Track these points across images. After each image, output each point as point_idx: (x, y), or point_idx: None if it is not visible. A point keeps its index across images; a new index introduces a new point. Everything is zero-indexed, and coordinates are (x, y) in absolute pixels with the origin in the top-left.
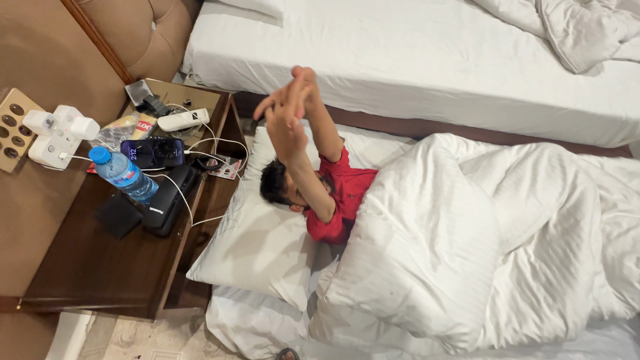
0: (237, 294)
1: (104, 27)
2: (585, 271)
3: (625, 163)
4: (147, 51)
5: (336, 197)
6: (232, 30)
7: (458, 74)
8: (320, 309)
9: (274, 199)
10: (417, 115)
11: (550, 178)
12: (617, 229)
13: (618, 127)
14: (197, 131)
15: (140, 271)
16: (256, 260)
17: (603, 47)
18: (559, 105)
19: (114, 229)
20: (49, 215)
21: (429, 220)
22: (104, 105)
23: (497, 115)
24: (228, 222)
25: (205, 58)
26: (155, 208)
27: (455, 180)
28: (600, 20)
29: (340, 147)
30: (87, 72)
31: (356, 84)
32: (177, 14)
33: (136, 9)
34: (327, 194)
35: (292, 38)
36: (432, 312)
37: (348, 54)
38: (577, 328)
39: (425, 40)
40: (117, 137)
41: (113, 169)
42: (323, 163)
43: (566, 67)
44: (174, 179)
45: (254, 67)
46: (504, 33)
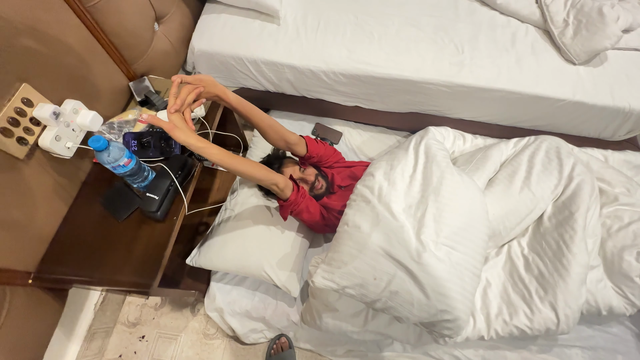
0: (235, 279)
1: (108, 28)
2: (577, 263)
3: (632, 156)
4: (150, 50)
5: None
6: (231, 28)
7: (452, 67)
8: (310, 294)
9: (269, 192)
10: (413, 108)
11: (546, 170)
12: (617, 222)
13: (622, 119)
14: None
15: (139, 251)
16: (251, 247)
17: (604, 36)
18: (557, 96)
19: (116, 213)
20: (58, 198)
21: (417, 209)
22: (109, 99)
23: (493, 107)
24: (225, 212)
25: (206, 56)
26: (151, 194)
27: (444, 171)
28: (601, 9)
29: (294, 141)
30: (93, 69)
31: (350, 78)
32: (179, 15)
33: (139, 11)
34: (265, 172)
35: (288, 35)
36: (415, 298)
37: (342, 49)
38: (569, 321)
39: (419, 34)
40: (120, 129)
41: (110, 156)
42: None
43: (566, 58)
44: (169, 168)
45: (252, 64)
46: (501, 25)
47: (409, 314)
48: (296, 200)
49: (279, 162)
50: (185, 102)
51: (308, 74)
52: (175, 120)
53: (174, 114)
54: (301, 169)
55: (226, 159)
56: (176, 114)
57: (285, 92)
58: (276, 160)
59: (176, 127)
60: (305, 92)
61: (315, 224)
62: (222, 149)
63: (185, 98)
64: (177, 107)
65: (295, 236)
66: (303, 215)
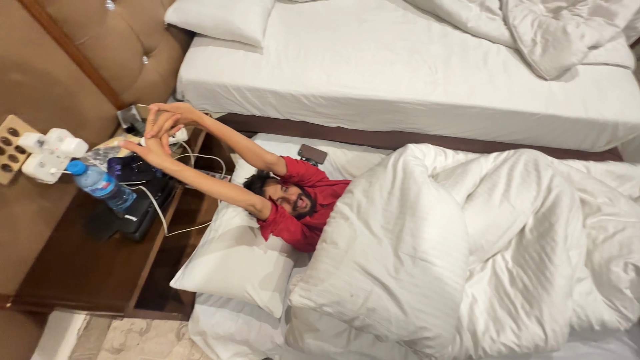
0: (219, 301)
1: (97, 62)
2: (560, 275)
3: (614, 166)
4: (138, 81)
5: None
6: (217, 59)
7: (427, 86)
8: (292, 314)
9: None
10: (394, 127)
11: (525, 183)
12: (602, 233)
13: (598, 130)
14: (176, 148)
15: (116, 273)
16: (233, 267)
17: (570, 52)
18: (531, 110)
19: (97, 235)
20: (41, 222)
21: (395, 225)
22: (97, 127)
23: (470, 123)
24: (210, 233)
25: (193, 85)
26: (130, 215)
27: (421, 187)
28: (565, 28)
29: (272, 160)
30: (80, 100)
31: (330, 100)
32: (168, 49)
33: (127, 46)
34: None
35: (270, 63)
36: (392, 314)
37: (321, 74)
38: (557, 336)
39: (394, 57)
40: (105, 155)
41: (88, 180)
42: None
43: (538, 75)
44: (149, 190)
45: (236, 91)
46: (473, 46)
47: (387, 332)
48: (275, 220)
49: (261, 181)
50: (162, 129)
51: (290, 98)
52: (151, 145)
53: (150, 140)
54: (283, 188)
55: (201, 180)
56: (153, 139)
57: (270, 115)
58: (259, 180)
59: (151, 151)
60: (289, 115)
61: (297, 242)
62: (197, 171)
63: (162, 125)
64: (153, 133)
65: (278, 256)
66: (284, 234)
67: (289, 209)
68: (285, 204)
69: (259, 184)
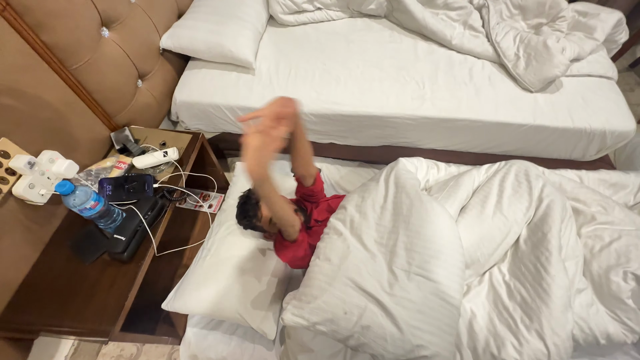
0: (211, 324)
1: (91, 86)
2: (557, 286)
3: (606, 175)
4: (132, 104)
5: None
6: (210, 80)
7: (414, 101)
8: (286, 335)
9: (248, 226)
10: (385, 142)
11: (517, 194)
12: (599, 242)
13: (586, 139)
14: (167, 167)
15: (102, 295)
16: (225, 288)
17: (552, 65)
18: (518, 122)
19: (83, 256)
20: (28, 244)
21: (388, 239)
22: (90, 149)
23: (459, 136)
24: (202, 252)
25: (186, 106)
26: (118, 235)
27: (413, 200)
28: (545, 43)
29: (313, 173)
30: (73, 122)
31: (320, 117)
32: (162, 72)
33: (121, 71)
34: (292, 210)
35: (262, 83)
36: (388, 332)
37: (311, 92)
38: (560, 351)
39: (382, 74)
40: (97, 176)
41: (76, 200)
42: (298, 186)
43: (523, 87)
44: (138, 209)
45: (229, 110)
46: (459, 62)
47: (383, 351)
48: (303, 242)
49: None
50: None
51: None
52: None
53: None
54: None
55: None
56: (257, 134)
57: None
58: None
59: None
60: None
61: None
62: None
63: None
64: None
65: (271, 275)
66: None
67: None
68: None
69: (255, 199)
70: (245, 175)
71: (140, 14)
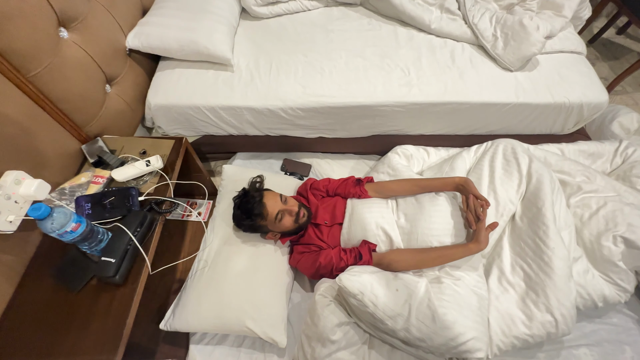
0: (216, 338)
1: (54, 95)
2: (558, 257)
3: (584, 146)
4: (102, 111)
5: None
6: (186, 81)
7: (402, 88)
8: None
9: (250, 228)
10: (374, 131)
11: (507, 172)
12: (587, 210)
13: (566, 113)
14: (152, 177)
15: (97, 324)
16: (228, 300)
17: (530, 43)
18: (502, 101)
19: (70, 284)
20: (1, 279)
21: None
22: (60, 165)
23: (447, 119)
24: (199, 264)
25: (162, 110)
26: (107, 257)
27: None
28: (521, 21)
29: None
30: (38, 137)
31: (308, 111)
32: (132, 75)
33: (87, 76)
34: None
35: (242, 80)
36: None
37: (296, 86)
38: (567, 320)
39: (366, 63)
40: (72, 194)
41: (55, 223)
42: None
43: (503, 67)
44: (126, 226)
45: (210, 111)
46: (439, 46)
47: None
48: None
49: (259, 194)
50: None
51: (267, 113)
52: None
53: None
54: (282, 199)
55: None
56: None
57: (249, 133)
58: (256, 192)
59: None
60: (267, 131)
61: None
62: None
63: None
64: None
65: (275, 281)
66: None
67: (290, 221)
68: (287, 216)
69: (258, 197)
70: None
71: (101, 11)
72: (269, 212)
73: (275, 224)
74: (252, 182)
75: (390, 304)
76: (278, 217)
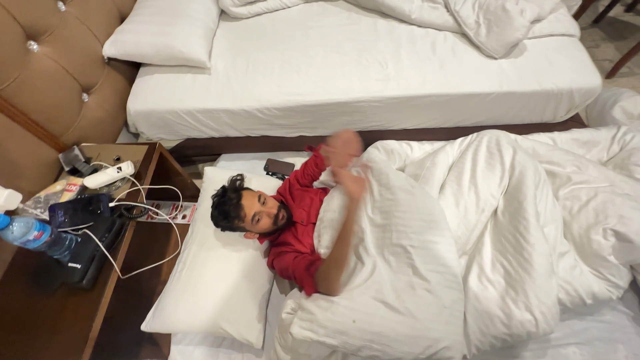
0: (196, 339)
1: (25, 107)
2: (538, 253)
3: (578, 134)
4: (79, 120)
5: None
6: (164, 86)
7: (379, 82)
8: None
9: (228, 228)
10: (355, 127)
11: (490, 165)
12: (577, 202)
13: (555, 100)
14: (124, 183)
15: (65, 327)
16: (204, 301)
17: (513, 29)
18: (485, 91)
19: (42, 289)
20: None
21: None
22: (37, 174)
23: (429, 112)
24: (178, 266)
25: (142, 116)
26: (73, 263)
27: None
28: (504, 6)
29: None
30: (11, 148)
31: (284, 110)
32: (111, 83)
33: (60, 87)
34: None
35: (219, 82)
36: (401, 333)
37: (271, 85)
38: (547, 318)
39: (343, 59)
40: (47, 202)
41: (15, 232)
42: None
43: (487, 55)
44: (94, 231)
45: (188, 115)
46: (420, 36)
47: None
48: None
49: (237, 195)
50: None
51: (243, 114)
52: None
53: None
54: (260, 199)
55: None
56: None
57: (229, 135)
58: (234, 193)
59: None
60: (247, 132)
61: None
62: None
63: None
64: None
65: (252, 282)
66: None
67: (269, 222)
68: (265, 218)
69: (236, 198)
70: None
71: (74, 23)
72: (246, 214)
73: (253, 225)
74: (232, 181)
75: (350, 340)
76: (255, 218)
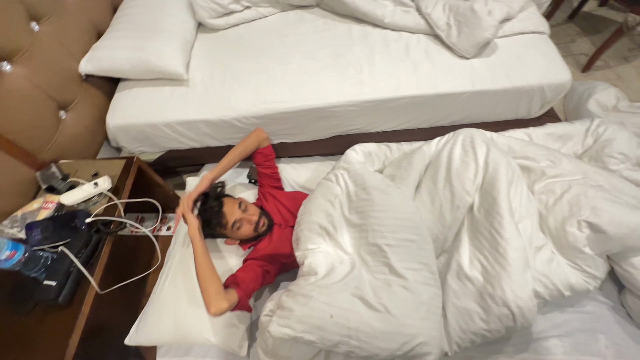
0: (181, 350)
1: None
2: (512, 248)
3: (553, 128)
4: (56, 137)
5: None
6: (142, 99)
7: (354, 87)
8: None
9: (209, 235)
10: (334, 132)
11: (464, 163)
12: (552, 196)
13: (527, 97)
14: (101, 198)
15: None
16: (186, 312)
17: (482, 29)
18: (458, 90)
19: (18, 308)
20: None
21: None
22: (14, 193)
23: (405, 114)
24: (161, 278)
25: (122, 130)
26: (48, 280)
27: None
28: (472, 7)
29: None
30: None
31: (262, 118)
32: (90, 99)
33: (34, 105)
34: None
35: (197, 93)
36: (377, 329)
37: (248, 94)
38: (524, 312)
39: (318, 64)
40: (24, 221)
41: None
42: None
43: (459, 55)
44: (70, 248)
45: (167, 127)
46: (394, 40)
47: (377, 350)
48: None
49: (218, 203)
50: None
51: (222, 124)
52: None
53: None
54: (242, 206)
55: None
56: None
57: (210, 145)
58: (215, 200)
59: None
60: (227, 141)
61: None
62: (205, 247)
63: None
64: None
65: None
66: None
67: (249, 229)
68: (245, 225)
69: (217, 206)
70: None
71: (48, 42)
72: (228, 221)
73: (234, 232)
74: (213, 188)
75: (327, 335)
76: (236, 225)
